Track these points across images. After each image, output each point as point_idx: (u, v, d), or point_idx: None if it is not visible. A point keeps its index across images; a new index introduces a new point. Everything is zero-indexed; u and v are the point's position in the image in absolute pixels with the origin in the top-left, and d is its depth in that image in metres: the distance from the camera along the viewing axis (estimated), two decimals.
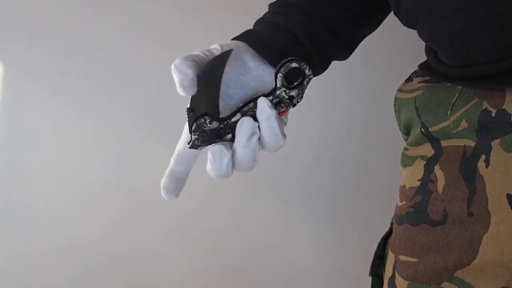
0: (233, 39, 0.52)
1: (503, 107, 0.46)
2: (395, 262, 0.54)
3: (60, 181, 1.06)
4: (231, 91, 0.47)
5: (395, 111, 0.59)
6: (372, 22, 0.61)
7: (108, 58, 1.04)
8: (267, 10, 0.59)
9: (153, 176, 1.07)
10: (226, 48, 0.48)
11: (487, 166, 0.47)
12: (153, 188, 1.07)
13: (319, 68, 0.56)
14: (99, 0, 1.03)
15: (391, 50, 0.99)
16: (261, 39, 0.51)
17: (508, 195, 0.46)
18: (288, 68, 0.45)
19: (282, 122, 0.46)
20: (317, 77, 0.56)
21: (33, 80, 1.04)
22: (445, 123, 0.49)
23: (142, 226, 1.08)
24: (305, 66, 0.45)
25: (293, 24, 0.53)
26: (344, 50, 0.59)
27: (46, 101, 1.04)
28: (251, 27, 0.57)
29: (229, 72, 0.47)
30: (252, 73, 0.48)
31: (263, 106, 0.44)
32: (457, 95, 0.49)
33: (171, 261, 1.09)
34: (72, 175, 1.06)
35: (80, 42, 1.03)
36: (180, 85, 0.44)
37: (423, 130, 0.52)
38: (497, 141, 0.46)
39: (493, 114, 0.46)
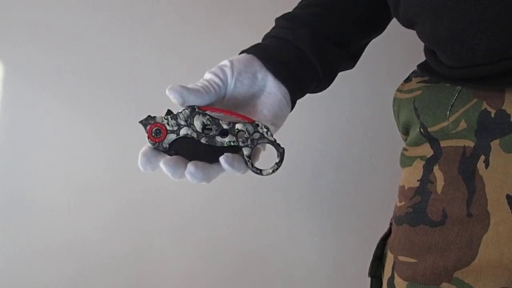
0: (242, 52, 0.53)
1: (503, 108, 0.46)
2: (394, 262, 0.53)
3: (60, 181, 1.06)
4: (238, 101, 0.50)
5: (394, 111, 0.59)
6: (377, 29, 0.61)
7: (108, 58, 1.04)
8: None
9: (154, 176, 1.07)
10: (236, 64, 0.50)
11: (486, 166, 0.47)
12: (153, 188, 1.08)
13: (324, 81, 0.56)
14: (99, 0, 1.03)
15: (390, 50, 0.99)
16: (268, 52, 0.52)
17: (507, 196, 0.46)
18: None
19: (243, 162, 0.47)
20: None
21: (33, 80, 1.04)
22: (444, 124, 0.49)
23: (142, 226, 1.08)
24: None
25: (300, 39, 0.54)
26: (350, 61, 0.59)
27: (46, 101, 1.04)
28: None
29: (239, 87, 0.49)
30: (258, 84, 0.50)
31: (225, 167, 0.46)
32: (456, 95, 0.49)
33: (171, 261, 1.09)
34: (72, 175, 1.06)
35: (80, 42, 1.03)
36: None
37: (422, 130, 0.52)
38: (497, 141, 0.46)
39: (493, 115, 0.46)
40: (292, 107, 0.54)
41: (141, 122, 0.48)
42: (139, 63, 1.04)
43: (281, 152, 0.48)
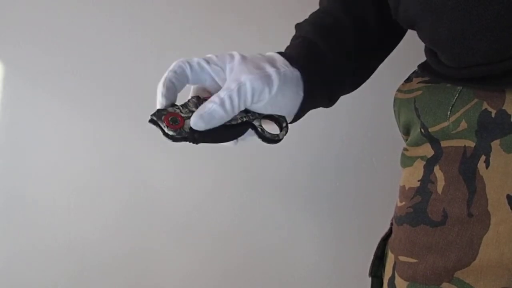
0: (292, 57, 0.52)
1: (503, 108, 0.46)
2: (395, 262, 0.54)
3: (60, 181, 1.06)
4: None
5: (394, 111, 0.59)
6: (381, 56, 0.62)
7: (108, 58, 1.04)
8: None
9: (153, 176, 1.07)
10: (282, 86, 0.48)
11: (487, 166, 0.47)
12: (153, 188, 1.08)
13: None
14: (99, 0, 1.03)
15: None
16: (314, 81, 0.52)
17: (508, 196, 0.46)
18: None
19: None
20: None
21: (33, 80, 1.04)
22: (445, 124, 0.49)
23: (142, 226, 1.08)
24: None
25: (341, 69, 0.55)
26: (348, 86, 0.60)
27: (46, 101, 1.04)
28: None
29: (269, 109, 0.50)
30: (284, 107, 0.51)
31: None
32: (456, 95, 0.49)
33: (171, 261, 1.09)
34: (72, 175, 1.06)
35: (80, 42, 1.03)
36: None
37: (422, 130, 0.52)
38: (497, 141, 0.46)
39: (493, 115, 0.46)
40: None
41: (153, 114, 0.47)
42: (139, 63, 1.04)
43: (283, 118, 0.50)
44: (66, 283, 1.08)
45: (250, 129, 0.49)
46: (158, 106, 0.48)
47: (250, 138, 0.51)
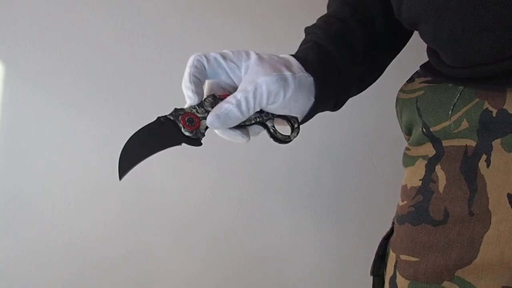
0: (307, 62, 0.52)
1: (504, 107, 0.46)
2: (396, 261, 0.54)
3: (60, 181, 1.06)
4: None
5: (397, 111, 0.59)
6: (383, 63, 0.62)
7: (108, 58, 1.04)
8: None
9: (154, 176, 1.07)
10: (304, 80, 0.49)
11: (488, 165, 0.47)
12: (153, 188, 1.08)
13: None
14: (99, 0, 1.03)
15: None
16: (325, 87, 0.52)
17: (508, 195, 0.46)
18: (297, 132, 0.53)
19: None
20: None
21: (33, 80, 1.04)
22: (446, 123, 0.50)
23: (143, 226, 1.08)
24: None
25: (350, 78, 0.55)
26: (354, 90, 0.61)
27: (46, 101, 1.04)
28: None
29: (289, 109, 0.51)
30: (295, 111, 0.52)
31: None
32: (458, 95, 0.49)
33: (171, 261, 1.09)
34: (72, 175, 1.06)
35: (80, 42, 1.03)
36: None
37: (424, 130, 0.52)
38: (498, 141, 0.47)
39: (494, 114, 0.46)
40: None
41: (170, 115, 0.48)
42: (139, 63, 1.04)
43: (296, 119, 0.51)
44: (66, 283, 1.08)
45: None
46: (190, 104, 0.48)
47: (262, 133, 0.52)
